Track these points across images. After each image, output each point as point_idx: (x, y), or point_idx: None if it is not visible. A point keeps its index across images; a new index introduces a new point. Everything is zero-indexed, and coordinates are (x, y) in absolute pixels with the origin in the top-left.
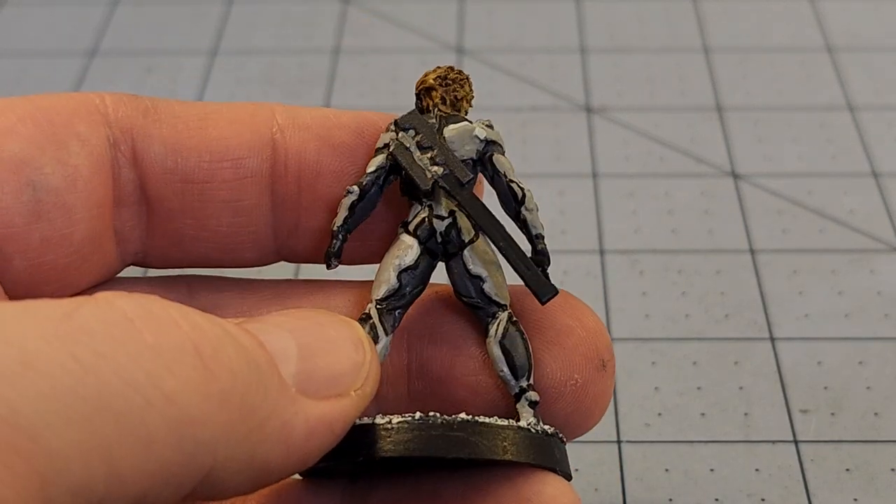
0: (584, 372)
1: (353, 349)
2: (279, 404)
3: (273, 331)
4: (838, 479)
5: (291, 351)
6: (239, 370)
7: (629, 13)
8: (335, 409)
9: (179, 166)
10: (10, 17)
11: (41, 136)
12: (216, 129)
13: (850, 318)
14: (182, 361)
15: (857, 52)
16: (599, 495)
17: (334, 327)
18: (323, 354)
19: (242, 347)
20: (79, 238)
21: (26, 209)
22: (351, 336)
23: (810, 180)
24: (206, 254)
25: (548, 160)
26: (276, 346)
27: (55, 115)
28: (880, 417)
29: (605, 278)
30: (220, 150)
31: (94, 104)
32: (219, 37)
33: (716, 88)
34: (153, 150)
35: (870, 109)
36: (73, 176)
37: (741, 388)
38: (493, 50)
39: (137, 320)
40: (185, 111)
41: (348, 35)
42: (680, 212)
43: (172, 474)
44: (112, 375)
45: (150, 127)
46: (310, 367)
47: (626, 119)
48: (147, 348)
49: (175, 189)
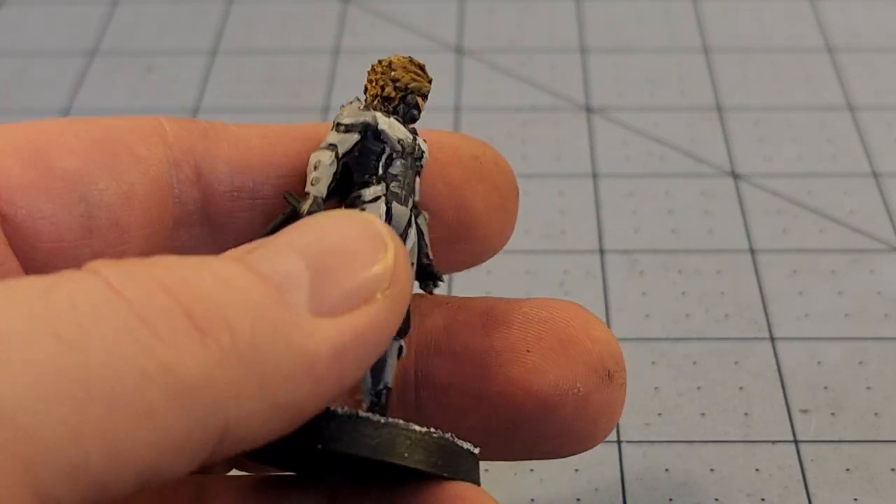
0: (587, 381)
1: (372, 249)
2: (293, 339)
3: (279, 255)
4: (838, 479)
5: (301, 274)
6: (236, 320)
7: (629, 13)
8: (363, 319)
9: (247, 184)
10: (10, 17)
11: (97, 153)
12: (281, 146)
13: (851, 318)
14: (173, 327)
15: (857, 52)
16: (599, 495)
17: (349, 230)
18: (339, 267)
19: (238, 291)
20: (131, 255)
21: (77, 224)
22: (368, 234)
23: (810, 180)
24: None
25: (548, 160)
26: (282, 273)
27: (113, 134)
28: (880, 417)
29: (605, 278)
30: (288, 166)
31: (153, 126)
32: (219, 37)
33: (716, 88)
34: (218, 169)
35: (870, 109)
36: (128, 193)
37: (741, 388)
38: (493, 50)
39: (122, 288)
40: (245, 132)
41: (348, 35)
42: (680, 212)
43: (181, 443)
44: (100, 351)
45: (212, 147)
46: (326, 285)
47: (626, 119)
48: (134, 318)
49: (243, 206)
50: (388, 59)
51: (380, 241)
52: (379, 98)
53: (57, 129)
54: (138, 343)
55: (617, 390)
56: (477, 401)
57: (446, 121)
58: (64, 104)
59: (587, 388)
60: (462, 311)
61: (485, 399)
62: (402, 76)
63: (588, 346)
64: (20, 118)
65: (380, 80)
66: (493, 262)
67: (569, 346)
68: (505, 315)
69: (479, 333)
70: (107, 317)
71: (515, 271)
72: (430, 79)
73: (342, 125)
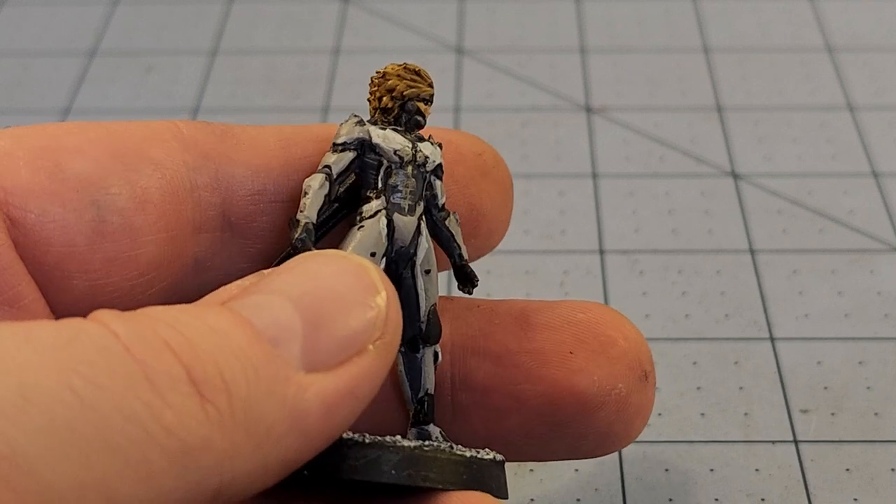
0: (628, 382)
1: (364, 295)
2: (286, 397)
3: (274, 306)
4: (838, 479)
5: (295, 326)
6: (234, 382)
7: (629, 13)
8: (354, 373)
9: (267, 187)
10: (10, 17)
11: (110, 158)
12: (298, 148)
13: (850, 317)
14: (177, 390)
15: (857, 52)
16: (599, 495)
17: (342, 276)
18: (331, 317)
19: (234, 350)
20: (145, 261)
21: (89, 228)
22: (361, 280)
23: (810, 180)
24: None
25: (548, 160)
26: (277, 326)
27: (127, 139)
28: (880, 417)
29: (605, 278)
30: (306, 167)
31: (171, 131)
32: (219, 37)
33: (716, 88)
34: (237, 173)
35: (870, 109)
36: (141, 198)
37: (741, 388)
38: (493, 50)
39: (131, 346)
40: (262, 133)
41: (348, 35)
42: (680, 212)
43: (177, 501)
44: (111, 410)
45: (230, 151)
46: (319, 336)
47: (626, 119)
48: (143, 378)
49: (264, 209)
50: (382, 69)
51: (372, 287)
52: (378, 111)
53: (69, 133)
54: (146, 405)
55: (651, 389)
56: (518, 403)
57: (446, 121)
58: (64, 104)
59: (628, 389)
60: (496, 314)
61: (526, 401)
62: (396, 84)
63: (626, 347)
64: (20, 118)
65: (377, 93)
66: (493, 262)
67: (609, 347)
68: (541, 317)
69: (517, 335)
70: (120, 377)
71: (515, 271)
72: (429, 82)
73: (337, 144)
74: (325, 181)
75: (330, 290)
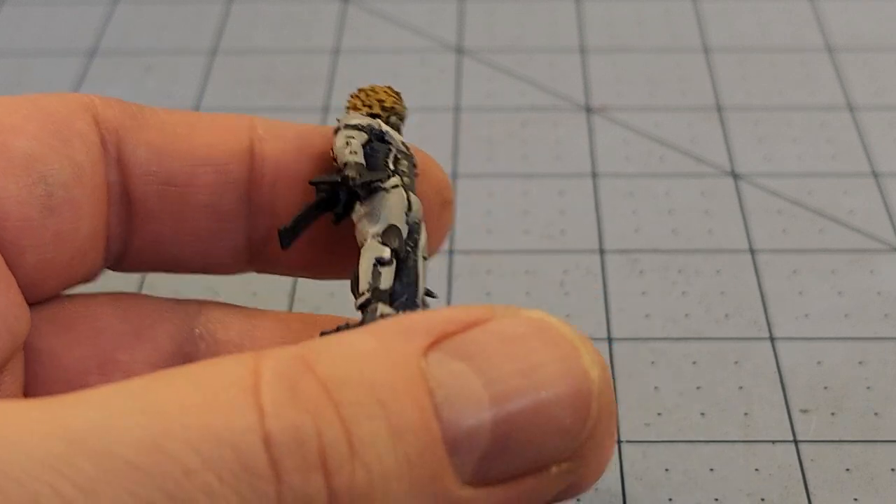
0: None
1: (575, 415)
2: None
3: (470, 405)
4: (838, 479)
5: (482, 438)
6: (398, 490)
7: (629, 13)
8: (520, 490)
9: (163, 169)
10: (10, 17)
11: (46, 133)
12: (201, 136)
13: (850, 317)
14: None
15: (857, 52)
16: (599, 495)
17: (561, 382)
18: (528, 436)
19: (405, 464)
20: (83, 234)
21: (40, 203)
22: (579, 391)
23: (810, 180)
24: (182, 258)
25: (548, 160)
26: (463, 430)
27: (56, 114)
28: (880, 417)
29: (604, 278)
30: (204, 155)
31: (87, 105)
32: (218, 37)
33: (716, 88)
34: (138, 153)
35: (870, 109)
36: (78, 172)
37: (741, 388)
38: (493, 50)
39: (273, 442)
40: (172, 118)
41: (348, 35)
42: (680, 212)
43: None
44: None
45: (136, 130)
46: (500, 455)
47: (626, 119)
48: (274, 499)
49: (155, 191)
50: (369, 86)
51: (587, 402)
52: (368, 116)
53: (5, 112)
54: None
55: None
56: None
57: (446, 121)
58: None
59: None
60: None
61: None
62: (385, 98)
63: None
64: None
65: (366, 101)
66: (493, 263)
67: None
68: None
69: None
70: (245, 485)
71: (515, 271)
72: (405, 107)
73: (350, 125)
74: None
75: (537, 401)
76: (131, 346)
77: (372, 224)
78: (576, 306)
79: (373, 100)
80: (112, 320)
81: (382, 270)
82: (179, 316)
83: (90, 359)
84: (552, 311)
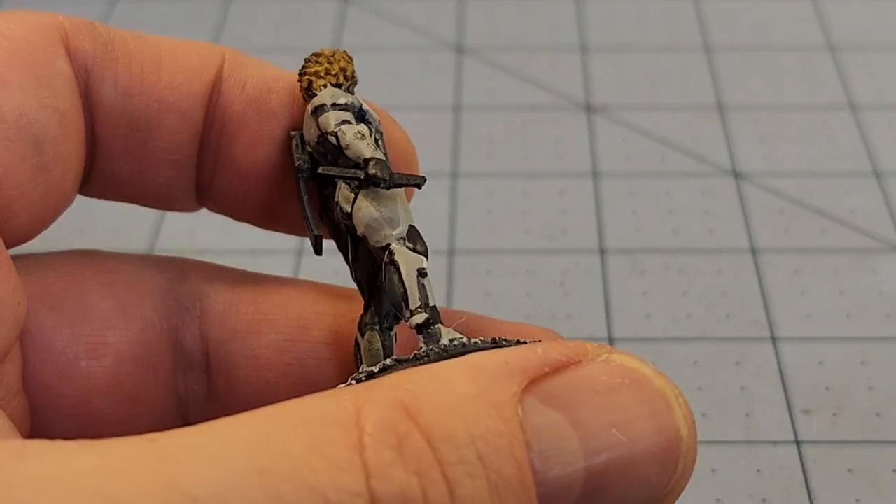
0: None
1: (662, 469)
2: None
3: (564, 451)
4: (840, 479)
5: (573, 492)
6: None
7: (630, 11)
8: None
9: (128, 111)
10: None
11: (32, 81)
12: (169, 76)
13: (852, 318)
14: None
15: (858, 51)
16: None
17: (637, 400)
18: (613, 485)
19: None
20: (69, 184)
21: (32, 166)
22: (668, 445)
23: (812, 180)
24: (137, 195)
25: (548, 159)
26: (556, 482)
27: (35, 53)
28: (882, 418)
29: (605, 278)
30: (170, 99)
31: (59, 33)
32: (218, 35)
33: (717, 87)
34: (105, 91)
35: (871, 109)
36: (65, 122)
37: (742, 389)
38: (493, 48)
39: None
40: (141, 49)
41: (348, 34)
42: (681, 211)
43: None
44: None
45: (105, 67)
46: (590, 491)
47: (627, 118)
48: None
49: (119, 134)
50: (324, 50)
51: (675, 461)
52: (330, 87)
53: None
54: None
55: None
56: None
57: (446, 120)
58: None
59: None
60: None
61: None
62: (346, 67)
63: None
64: None
65: (331, 69)
66: (493, 262)
67: None
68: None
69: None
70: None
71: (516, 271)
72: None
73: (339, 105)
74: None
75: (630, 459)
76: (120, 327)
77: (388, 224)
78: (576, 306)
79: (335, 68)
80: (98, 297)
81: (425, 282)
82: (163, 284)
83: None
84: (552, 310)
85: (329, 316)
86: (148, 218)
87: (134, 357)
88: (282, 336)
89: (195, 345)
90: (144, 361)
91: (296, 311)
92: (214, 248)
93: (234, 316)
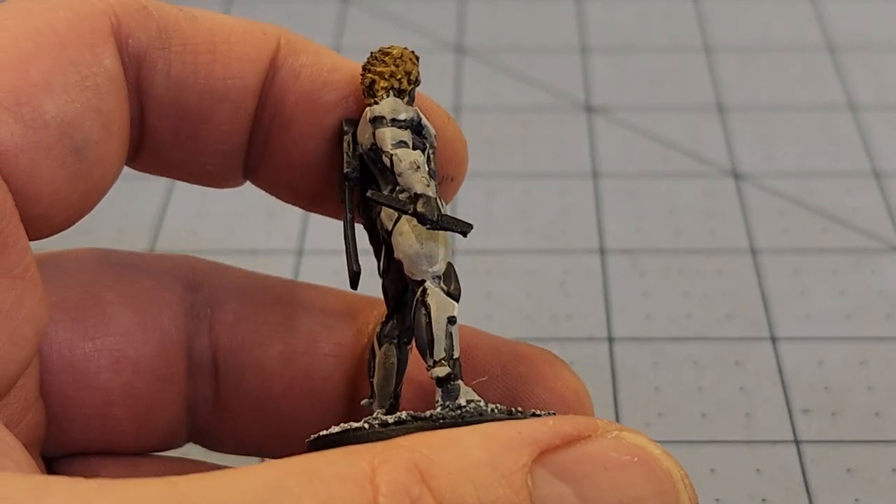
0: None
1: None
2: None
3: (558, 494)
4: (840, 479)
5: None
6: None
7: (630, 12)
8: None
9: (180, 102)
10: None
11: (76, 83)
12: (223, 67)
13: (852, 318)
14: None
15: (859, 51)
16: None
17: (644, 479)
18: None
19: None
20: (109, 182)
21: (71, 173)
22: (670, 501)
23: (812, 180)
24: (182, 174)
25: (548, 160)
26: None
27: (83, 50)
28: (882, 418)
29: (605, 278)
30: (223, 91)
31: (110, 23)
32: None
33: (717, 88)
34: (157, 82)
35: (872, 109)
36: (108, 125)
37: (742, 389)
38: (494, 49)
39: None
40: (195, 36)
41: (348, 35)
42: (681, 212)
43: None
44: None
45: (158, 57)
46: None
47: (628, 119)
48: None
49: (170, 124)
50: (393, 49)
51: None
52: (392, 90)
53: (28, 59)
54: None
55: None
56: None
57: None
58: None
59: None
60: None
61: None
62: (412, 70)
63: None
64: None
65: (396, 73)
66: (493, 262)
67: None
68: None
69: None
70: None
71: (516, 271)
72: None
73: (398, 121)
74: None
75: (612, 488)
76: (139, 340)
77: (427, 261)
78: (576, 306)
79: (401, 72)
80: (118, 310)
81: (453, 330)
82: (180, 294)
83: (100, 356)
84: (552, 311)
85: (338, 329)
86: (149, 218)
87: (152, 369)
88: (289, 347)
89: (205, 352)
90: (161, 373)
91: (305, 323)
92: (215, 248)
93: (244, 326)
